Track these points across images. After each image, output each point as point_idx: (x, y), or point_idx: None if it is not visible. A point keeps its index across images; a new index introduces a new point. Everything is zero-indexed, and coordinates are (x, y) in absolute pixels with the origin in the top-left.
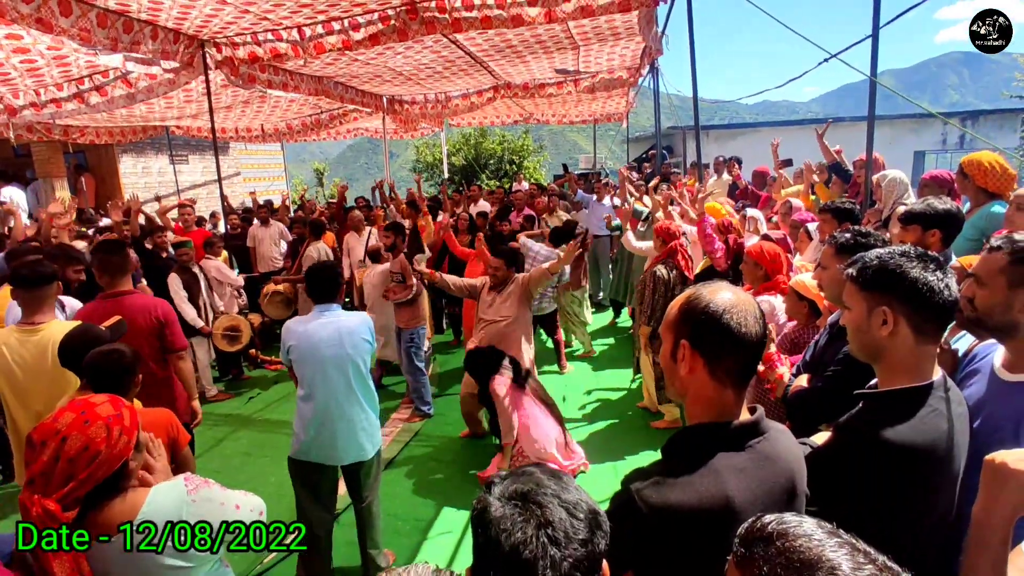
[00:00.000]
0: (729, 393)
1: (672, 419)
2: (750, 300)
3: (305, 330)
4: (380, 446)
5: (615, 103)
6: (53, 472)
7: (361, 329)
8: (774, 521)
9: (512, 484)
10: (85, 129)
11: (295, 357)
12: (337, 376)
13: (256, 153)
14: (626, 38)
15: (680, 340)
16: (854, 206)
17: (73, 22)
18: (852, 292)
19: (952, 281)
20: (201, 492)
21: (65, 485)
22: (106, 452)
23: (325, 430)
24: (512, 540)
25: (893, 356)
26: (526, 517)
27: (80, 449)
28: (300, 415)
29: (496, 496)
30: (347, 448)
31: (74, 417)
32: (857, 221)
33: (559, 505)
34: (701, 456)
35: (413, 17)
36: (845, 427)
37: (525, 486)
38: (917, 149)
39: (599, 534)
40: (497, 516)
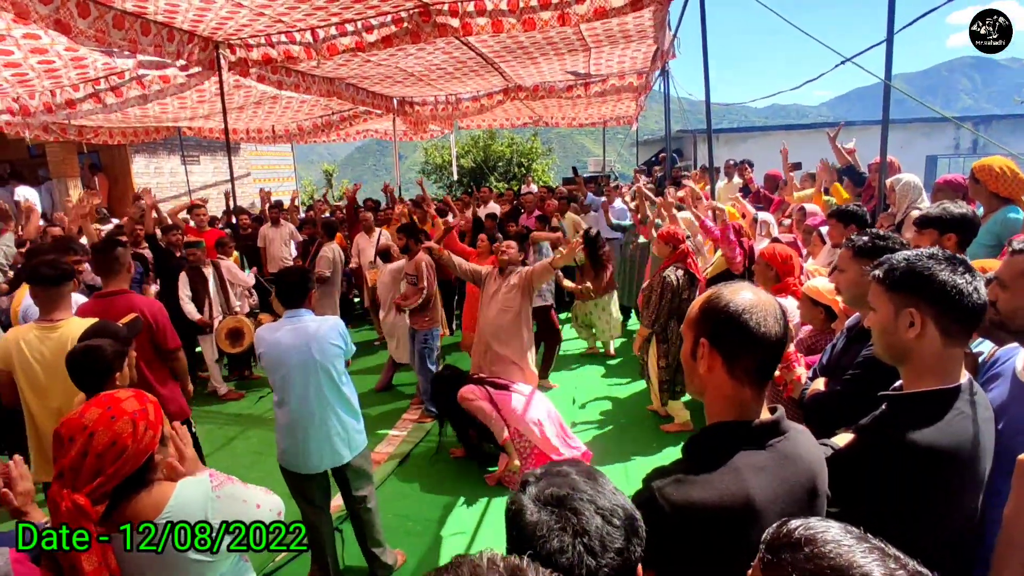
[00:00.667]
0: (748, 392)
1: (682, 422)
2: (771, 300)
3: (274, 338)
4: (362, 448)
5: (624, 106)
6: (81, 467)
7: (330, 334)
8: (801, 526)
9: (547, 487)
10: (99, 129)
11: (265, 364)
12: (305, 383)
13: (266, 154)
14: (637, 40)
15: (699, 338)
16: (860, 209)
17: (91, 23)
18: (878, 293)
19: (980, 284)
20: (226, 488)
21: (93, 480)
22: (132, 447)
23: (298, 437)
24: (548, 547)
25: (920, 358)
26: (562, 525)
27: (107, 445)
28: (277, 422)
29: (531, 498)
30: (321, 454)
31: (100, 412)
32: (864, 224)
33: (595, 512)
34: (722, 455)
35: (426, 20)
36: (869, 428)
37: (561, 490)
38: (929, 153)
39: (635, 541)
40: (532, 521)
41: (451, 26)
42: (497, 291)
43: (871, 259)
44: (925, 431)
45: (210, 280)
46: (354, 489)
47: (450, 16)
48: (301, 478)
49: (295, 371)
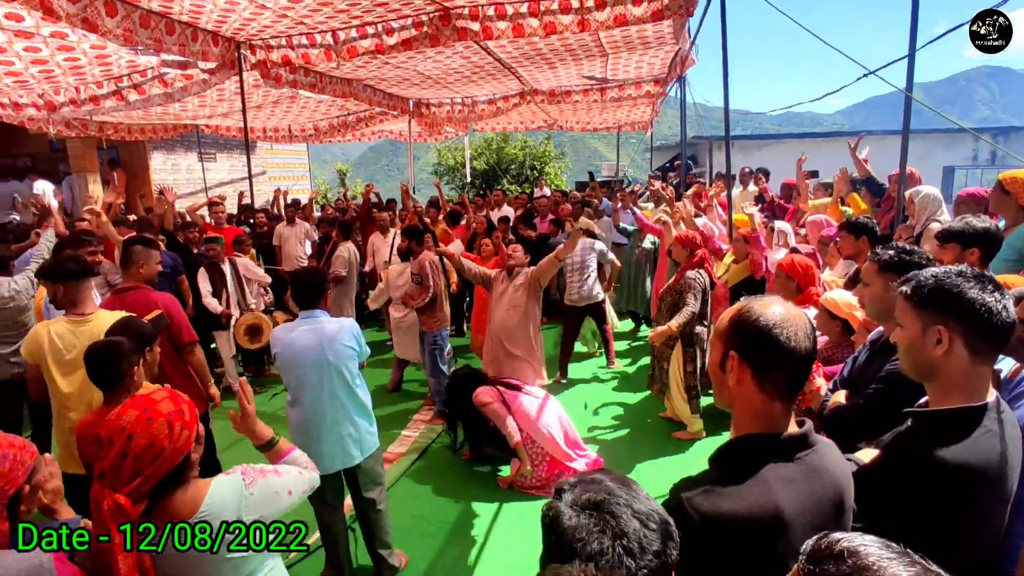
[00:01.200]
0: (777, 405)
1: (695, 431)
2: (801, 314)
3: (289, 338)
4: (374, 450)
5: (639, 111)
6: (121, 468)
7: (344, 336)
8: (844, 539)
9: (584, 492)
10: (119, 125)
11: (279, 364)
12: (319, 384)
13: (281, 153)
14: (655, 47)
15: (729, 351)
16: (870, 221)
17: (118, 23)
18: (906, 310)
19: (1009, 303)
20: (258, 484)
21: (133, 480)
22: (170, 448)
23: (311, 437)
24: (589, 550)
25: (947, 375)
26: (601, 527)
27: (145, 446)
28: (289, 422)
29: (568, 504)
30: (333, 455)
31: (137, 415)
32: (875, 236)
33: (632, 516)
34: (751, 466)
35: (446, 23)
36: (896, 445)
37: (598, 495)
38: (947, 164)
39: (671, 544)
40: (571, 525)
41: (471, 29)
42: (504, 291)
43: (897, 274)
44: (953, 449)
45: (228, 276)
46: (364, 490)
47: (470, 20)
48: None
49: (309, 371)
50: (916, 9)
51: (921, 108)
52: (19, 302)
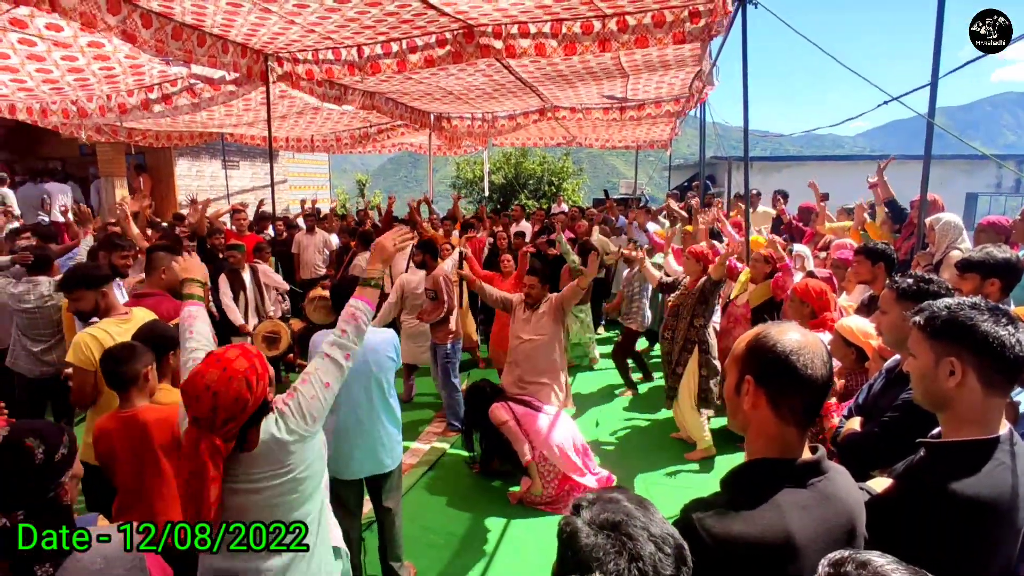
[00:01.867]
0: (792, 431)
1: (705, 448)
2: (818, 342)
3: None
4: (400, 460)
5: (659, 130)
6: (214, 419)
7: (385, 347)
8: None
9: (602, 512)
10: (147, 132)
11: None
12: (359, 392)
13: (303, 162)
14: (675, 68)
15: (745, 375)
16: (888, 247)
17: (152, 34)
18: (919, 340)
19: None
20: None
21: (224, 427)
22: (251, 399)
23: (344, 444)
24: (604, 570)
25: (959, 407)
26: (618, 549)
27: (232, 400)
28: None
29: (586, 521)
30: (364, 462)
31: (218, 374)
32: (892, 263)
33: (648, 539)
34: (764, 491)
35: (469, 40)
36: (909, 476)
37: (616, 516)
38: (970, 191)
39: (684, 570)
40: (588, 543)
41: (494, 47)
42: (528, 320)
43: (915, 302)
44: (966, 481)
45: (247, 283)
46: (385, 499)
47: (493, 37)
48: (339, 483)
49: (350, 379)
50: (939, 37)
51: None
52: (56, 301)
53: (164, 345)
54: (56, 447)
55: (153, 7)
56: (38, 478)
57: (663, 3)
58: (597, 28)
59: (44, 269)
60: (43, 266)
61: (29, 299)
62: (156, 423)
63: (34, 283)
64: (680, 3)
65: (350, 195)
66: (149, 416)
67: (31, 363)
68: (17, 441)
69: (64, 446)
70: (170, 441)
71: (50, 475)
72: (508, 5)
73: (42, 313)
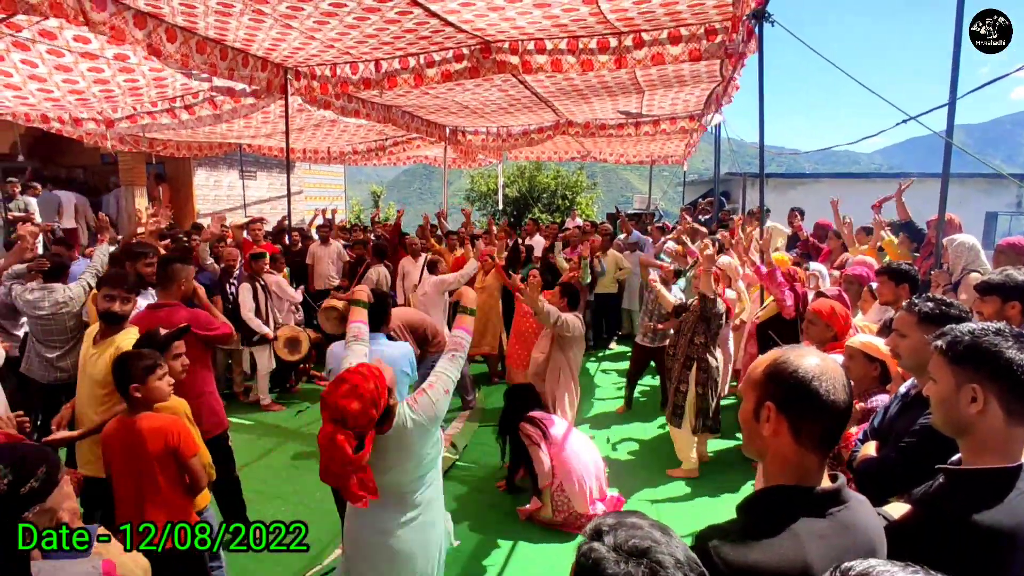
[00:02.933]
0: (812, 458)
1: (688, 469)
2: (838, 367)
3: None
4: None
5: (674, 145)
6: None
7: (401, 361)
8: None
9: (628, 538)
10: (168, 142)
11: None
12: None
13: (319, 173)
14: (691, 84)
15: (765, 401)
16: (912, 268)
17: (177, 48)
18: (940, 365)
19: None
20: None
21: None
22: (375, 411)
23: None
24: None
25: (981, 434)
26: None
27: (360, 413)
28: None
29: (609, 547)
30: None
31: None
32: (917, 284)
33: (675, 566)
34: (782, 519)
35: (486, 55)
36: (928, 503)
37: (643, 542)
38: (989, 210)
39: None
40: (616, 572)
41: (510, 63)
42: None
43: (936, 326)
44: (987, 512)
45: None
46: None
47: (510, 53)
48: None
49: None
50: (957, 56)
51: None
52: (72, 308)
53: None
54: (26, 479)
55: (178, 22)
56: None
57: (679, 21)
58: (613, 45)
59: (59, 276)
60: (58, 273)
61: (44, 306)
62: (151, 432)
63: (49, 290)
64: (696, 20)
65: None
66: (145, 424)
67: (45, 369)
68: None
69: (37, 479)
70: (163, 450)
71: (10, 506)
72: (525, 23)
73: (56, 320)
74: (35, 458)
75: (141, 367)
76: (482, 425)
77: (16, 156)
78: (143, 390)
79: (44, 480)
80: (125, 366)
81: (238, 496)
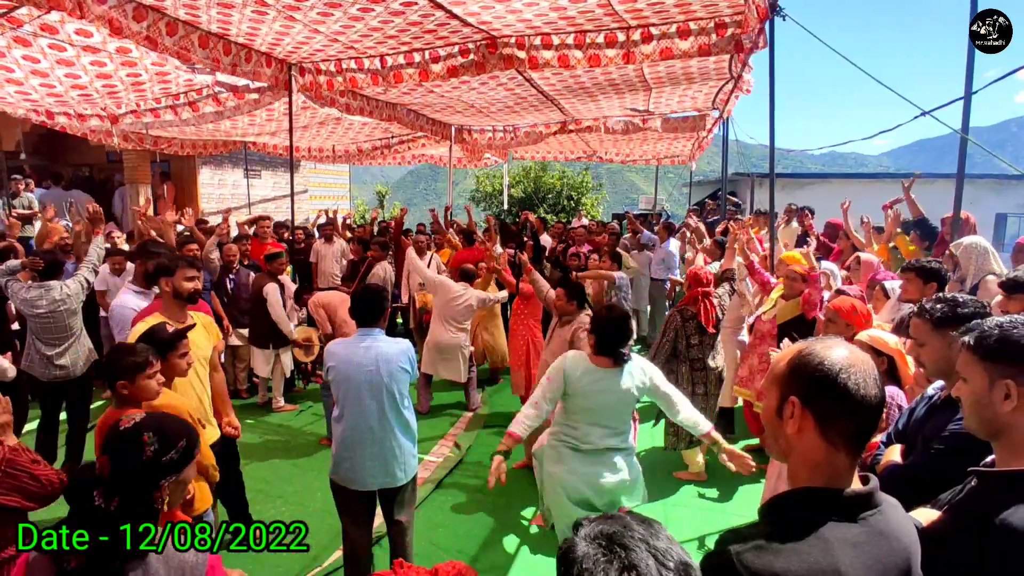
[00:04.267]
0: (841, 458)
1: (696, 472)
2: (868, 360)
3: (346, 353)
4: (414, 474)
5: (680, 145)
6: None
7: (400, 357)
8: None
9: (599, 526)
10: (172, 140)
11: (332, 378)
12: (370, 401)
13: (324, 172)
14: (700, 81)
15: (789, 396)
16: (941, 266)
17: (176, 41)
18: (970, 362)
19: None
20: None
21: None
22: None
23: (355, 453)
24: None
25: (1017, 433)
26: (609, 558)
27: None
28: (334, 436)
29: (582, 536)
30: (375, 473)
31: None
32: (944, 285)
33: (647, 551)
34: (809, 524)
35: (492, 51)
36: (961, 507)
37: (612, 528)
38: (999, 211)
39: None
40: (580, 555)
41: (517, 57)
42: (555, 338)
43: (954, 327)
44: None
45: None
46: (397, 513)
47: (516, 48)
48: (350, 494)
49: (362, 388)
50: (972, 52)
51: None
52: (69, 306)
53: (161, 348)
54: (168, 449)
55: (180, 15)
56: (140, 473)
57: (688, 14)
58: (621, 39)
59: (54, 274)
60: (53, 271)
61: (41, 304)
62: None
63: (46, 288)
64: (706, 15)
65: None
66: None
67: (44, 367)
68: (137, 432)
69: (176, 451)
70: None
71: (152, 474)
72: (532, 16)
73: (55, 318)
74: (178, 430)
75: (131, 363)
76: (486, 427)
77: (19, 153)
78: (131, 388)
79: (182, 453)
80: (115, 362)
81: (242, 495)
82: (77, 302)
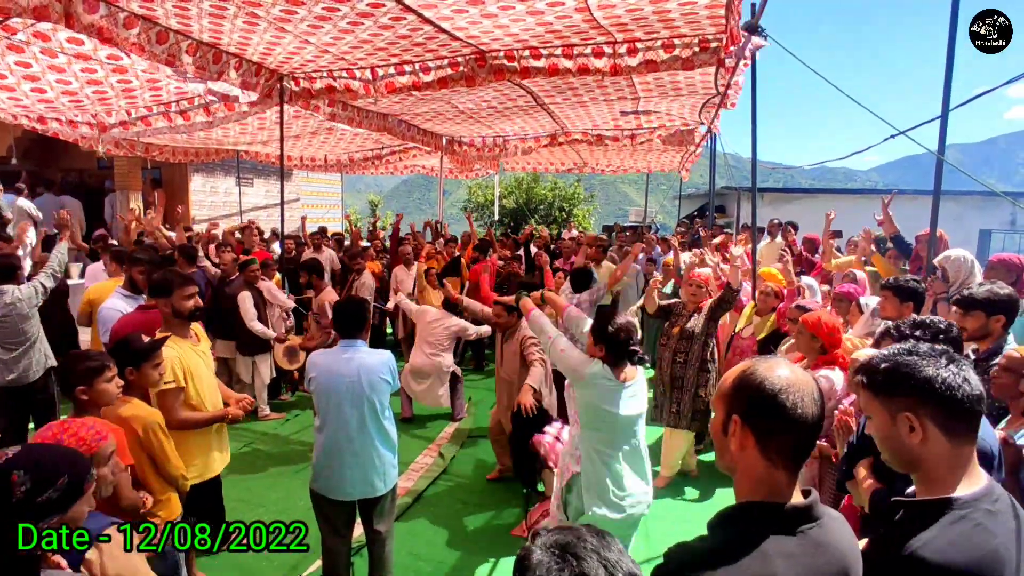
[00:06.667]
0: (780, 474)
1: (669, 476)
2: (808, 379)
3: (327, 363)
4: (394, 485)
5: (670, 156)
6: None
7: (381, 368)
8: None
9: (555, 536)
10: (164, 148)
11: (314, 388)
12: (351, 411)
13: (316, 181)
14: (687, 95)
15: (732, 414)
16: (920, 285)
17: (166, 49)
18: (868, 400)
19: (970, 373)
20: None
21: None
22: None
23: (334, 463)
24: None
25: (930, 464)
26: (560, 567)
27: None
28: (315, 446)
29: (538, 545)
30: (354, 483)
31: None
32: (922, 304)
33: (598, 561)
34: (751, 537)
35: (481, 65)
36: (883, 538)
37: (566, 538)
38: (983, 227)
39: None
40: (535, 562)
41: (507, 67)
42: (504, 355)
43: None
44: (934, 546)
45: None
46: (376, 523)
47: (506, 59)
48: (329, 503)
49: (343, 399)
50: (950, 71)
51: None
52: (20, 310)
53: (135, 357)
54: (44, 488)
55: (171, 24)
56: (9, 517)
57: (673, 30)
58: (608, 52)
59: (10, 278)
60: (9, 275)
61: None
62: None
63: (1, 292)
64: (691, 32)
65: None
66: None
67: (1, 371)
68: (5, 471)
69: (55, 490)
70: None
71: (24, 516)
72: (519, 30)
73: (7, 322)
74: (60, 465)
75: (85, 368)
76: (470, 438)
77: (11, 159)
78: (89, 392)
79: (64, 491)
80: (71, 367)
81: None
82: (30, 307)
